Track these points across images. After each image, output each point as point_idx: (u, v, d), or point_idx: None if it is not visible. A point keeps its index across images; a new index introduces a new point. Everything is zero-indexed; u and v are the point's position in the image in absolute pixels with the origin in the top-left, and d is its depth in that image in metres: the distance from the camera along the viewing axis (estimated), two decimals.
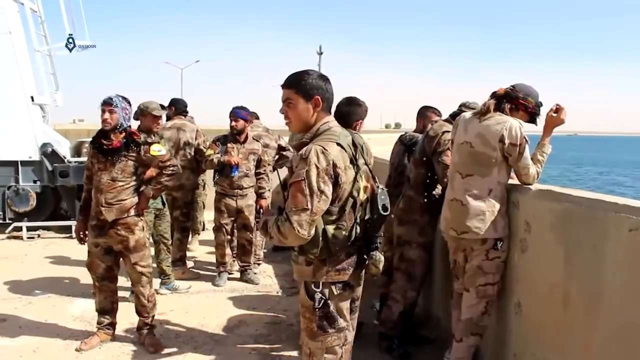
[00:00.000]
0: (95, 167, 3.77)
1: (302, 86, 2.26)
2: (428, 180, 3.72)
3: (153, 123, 4.78)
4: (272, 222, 2.22)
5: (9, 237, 7.52)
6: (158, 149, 3.88)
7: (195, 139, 5.49)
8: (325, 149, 2.15)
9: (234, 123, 5.18)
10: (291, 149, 5.88)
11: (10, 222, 7.65)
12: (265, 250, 6.26)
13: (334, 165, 2.15)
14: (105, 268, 3.88)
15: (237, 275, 5.62)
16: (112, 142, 3.74)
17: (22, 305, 4.76)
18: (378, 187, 2.29)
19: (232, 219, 5.38)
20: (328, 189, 2.14)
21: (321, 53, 31.29)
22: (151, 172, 3.98)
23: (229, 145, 5.21)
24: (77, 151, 8.06)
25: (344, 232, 2.24)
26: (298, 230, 2.10)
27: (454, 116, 3.83)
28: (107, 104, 3.71)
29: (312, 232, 2.15)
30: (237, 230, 5.51)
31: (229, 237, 5.44)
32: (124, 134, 3.77)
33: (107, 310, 3.95)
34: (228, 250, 5.46)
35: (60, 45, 8.61)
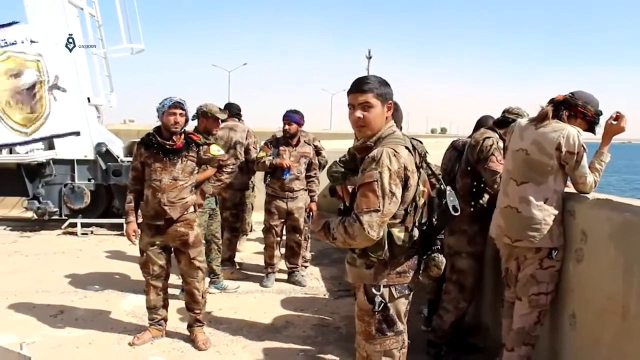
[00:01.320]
0: (151, 168, 3.83)
1: (379, 90, 2.28)
2: (475, 190, 3.69)
3: (214, 125, 4.89)
4: (337, 223, 2.23)
5: (64, 233, 7.80)
6: (217, 149, 4.04)
7: (246, 139, 5.58)
8: (396, 151, 2.18)
9: (287, 126, 5.23)
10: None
11: (66, 218, 7.94)
12: (312, 253, 6.30)
13: (405, 168, 2.18)
14: (159, 267, 3.96)
15: (285, 276, 5.67)
16: (175, 143, 3.82)
17: (78, 299, 4.93)
18: (446, 188, 2.29)
19: (282, 220, 5.44)
20: (399, 192, 2.17)
21: (370, 57, 31.16)
22: (210, 171, 4.16)
23: (281, 147, 5.27)
24: (129, 151, 8.27)
25: (406, 235, 2.26)
26: (368, 232, 2.11)
27: (497, 123, 3.80)
28: (179, 107, 3.78)
29: (381, 233, 2.17)
30: (287, 232, 5.56)
31: (278, 238, 5.51)
32: (183, 135, 3.88)
33: (158, 307, 4.04)
34: (277, 252, 5.52)
35: (116, 48, 8.90)
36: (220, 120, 4.97)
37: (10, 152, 8.08)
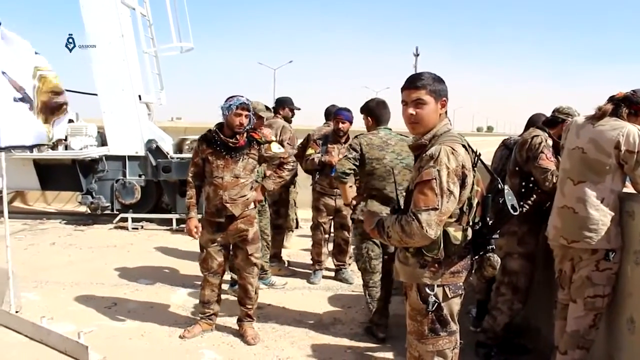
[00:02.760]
0: (213, 165, 3.85)
1: (433, 87, 2.26)
2: (523, 190, 3.60)
3: (258, 123, 4.93)
4: (392, 221, 2.21)
5: (116, 227, 8.03)
6: (278, 147, 4.08)
7: (280, 135, 5.57)
8: (454, 149, 2.16)
9: (341, 125, 5.19)
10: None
11: (118, 212, 8.17)
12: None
13: (462, 166, 2.16)
14: (218, 263, 4.00)
15: (332, 274, 5.67)
16: (237, 141, 3.84)
17: (130, 292, 5.06)
18: (503, 187, 2.25)
19: (330, 218, 5.45)
20: (456, 190, 2.15)
21: (417, 54, 30.81)
22: (270, 169, 4.30)
23: (329, 145, 5.27)
24: (178, 148, 8.43)
25: (462, 234, 2.24)
26: (427, 230, 2.09)
27: (547, 123, 3.71)
28: (246, 108, 3.79)
29: (439, 232, 2.15)
30: (334, 230, 5.57)
31: (326, 236, 5.51)
32: (245, 133, 3.90)
33: (212, 302, 4.08)
34: (325, 249, 5.53)
35: (166, 46, 9.07)
36: (264, 118, 5.03)
37: (66, 149, 8.35)
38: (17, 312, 4.19)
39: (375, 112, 4.08)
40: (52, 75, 4.23)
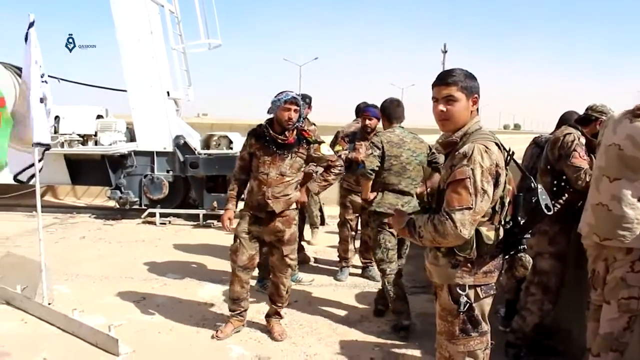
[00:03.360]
0: (260, 160, 3.80)
1: (464, 83, 2.24)
2: (555, 189, 3.54)
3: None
4: (424, 221, 2.19)
5: (144, 222, 8.11)
6: (327, 149, 4.02)
7: None
8: (487, 148, 2.14)
9: (368, 122, 5.16)
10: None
11: (146, 207, 8.26)
12: None
13: (496, 165, 2.14)
14: (248, 257, 3.89)
15: (358, 271, 5.66)
16: (287, 138, 3.76)
17: (158, 286, 5.12)
18: (537, 186, 2.21)
19: (357, 215, 5.43)
20: (490, 189, 2.12)
21: (445, 51, 30.45)
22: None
23: (357, 142, 5.25)
24: (206, 144, 8.48)
25: (494, 234, 2.21)
26: (460, 230, 2.07)
27: (580, 121, 3.64)
28: (295, 103, 3.70)
29: (472, 232, 2.12)
30: (361, 227, 5.55)
31: (353, 233, 5.50)
32: (295, 131, 3.82)
33: (242, 298, 4.00)
34: (351, 246, 5.52)
35: (194, 43, 9.12)
36: None
37: (96, 144, 8.48)
38: (49, 304, 4.26)
39: (389, 110, 4.25)
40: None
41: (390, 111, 4.23)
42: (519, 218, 2.23)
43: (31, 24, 4.16)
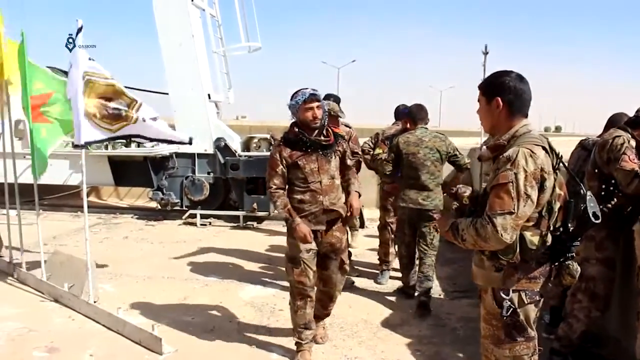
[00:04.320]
0: (306, 169, 3.42)
1: (485, 87, 2.28)
2: (603, 193, 3.43)
3: (334, 124, 4.95)
4: (467, 224, 2.18)
5: (184, 223, 8.23)
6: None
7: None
8: (533, 152, 2.10)
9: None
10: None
11: (186, 209, 8.38)
12: None
13: (542, 170, 2.10)
14: (314, 273, 3.56)
15: (399, 274, 5.59)
16: (329, 138, 3.50)
17: (199, 287, 5.17)
18: (586, 193, 2.15)
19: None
20: (534, 194, 2.08)
21: (487, 53, 29.83)
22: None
23: None
24: (246, 146, 8.55)
25: (540, 239, 2.16)
26: (502, 234, 2.05)
27: (630, 123, 3.53)
28: (315, 99, 3.39)
29: (514, 237, 2.09)
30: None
31: (393, 236, 5.46)
32: (328, 128, 3.56)
33: (312, 320, 3.66)
34: (392, 249, 5.47)
35: (235, 46, 9.21)
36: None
37: (138, 146, 8.65)
38: (95, 302, 4.36)
39: (414, 114, 4.77)
40: (102, 81, 4.37)
41: (415, 114, 4.74)
42: (569, 225, 2.18)
43: (79, 30, 4.27)
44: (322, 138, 3.48)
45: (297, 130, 3.45)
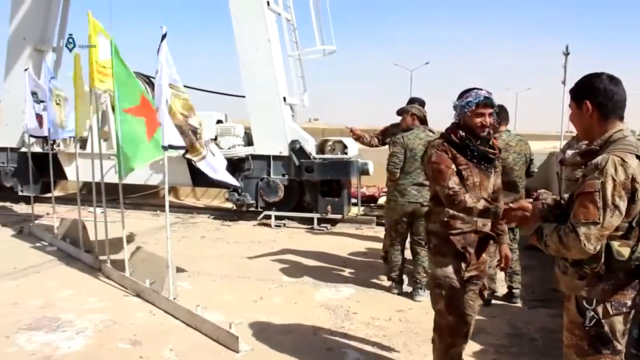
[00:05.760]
0: (468, 182, 2.89)
1: (575, 91, 2.22)
2: None
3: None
4: (551, 230, 2.11)
5: (259, 224, 8.35)
6: None
7: None
8: (624, 160, 1.99)
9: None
10: None
11: (261, 210, 8.51)
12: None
13: (633, 179, 1.98)
14: (473, 313, 3.11)
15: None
16: (496, 150, 3.06)
17: (274, 287, 5.22)
18: None
19: None
20: (623, 204, 1.98)
21: (567, 53, 28.54)
22: None
23: None
24: (320, 148, 8.59)
25: (628, 250, 2.05)
26: (584, 244, 1.97)
27: None
28: (490, 105, 2.92)
29: (599, 247, 2.00)
30: None
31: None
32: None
33: None
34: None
35: (309, 50, 9.29)
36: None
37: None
38: (174, 298, 4.48)
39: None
40: (181, 95, 4.54)
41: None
42: None
43: (164, 36, 4.42)
44: (489, 150, 3.00)
45: (462, 134, 2.93)
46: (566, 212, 2.15)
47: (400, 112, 5.20)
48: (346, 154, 8.22)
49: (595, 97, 2.13)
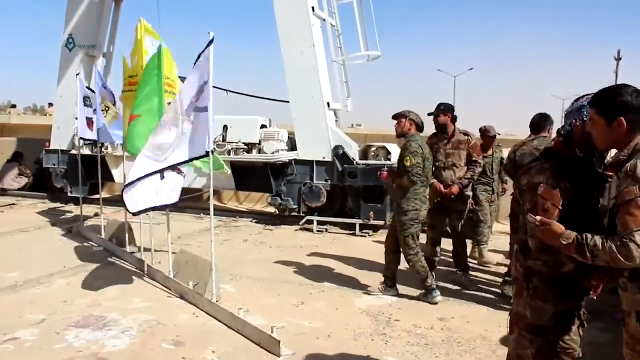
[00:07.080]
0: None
1: (604, 108, 2.14)
2: None
3: (491, 143, 4.94)
4: (601, 242, 2.03)
5: (302, 229, 8.37)
6: None
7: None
8: None
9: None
10: None
11: (304, 215, 8.53)
12: None
13: None
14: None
15: None
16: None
17: (316, 292, 5.21)
18: None
19: None
20: None
21: (619, 59, 27.72)
22: None
23: None
24: (364, 154, 8.56)
25: None
26: None
27: None
28: None
29: None
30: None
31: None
32: None
33: None
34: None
35: (354, 55, 9.29)
36: None
37: (259, 152, 8.94)
38: (217, 301, 4.53)
39: (532, 123, 4.76)
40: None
41: (535, 123, 4.70)
42: None
43: (210, 42, 4.48)
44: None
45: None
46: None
47: (396, 117, 5.06)
48: (389, 160, 8.16)
49: (630, 113, 2.10)
